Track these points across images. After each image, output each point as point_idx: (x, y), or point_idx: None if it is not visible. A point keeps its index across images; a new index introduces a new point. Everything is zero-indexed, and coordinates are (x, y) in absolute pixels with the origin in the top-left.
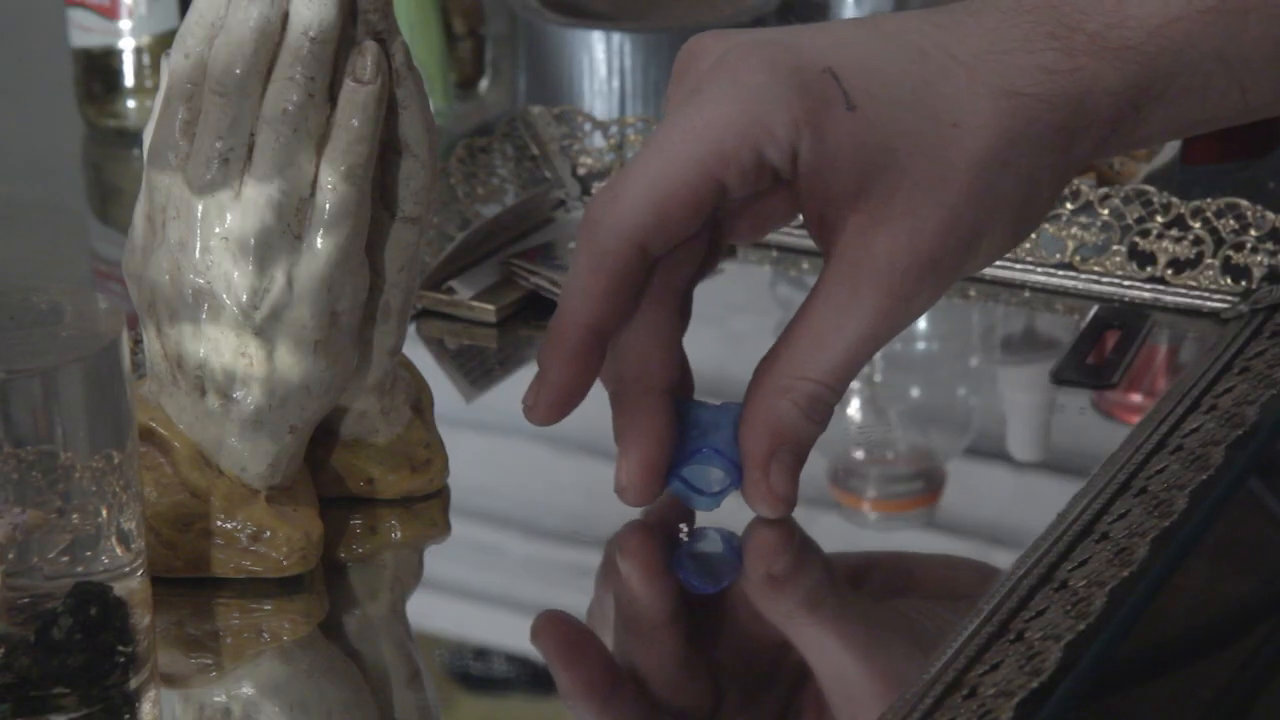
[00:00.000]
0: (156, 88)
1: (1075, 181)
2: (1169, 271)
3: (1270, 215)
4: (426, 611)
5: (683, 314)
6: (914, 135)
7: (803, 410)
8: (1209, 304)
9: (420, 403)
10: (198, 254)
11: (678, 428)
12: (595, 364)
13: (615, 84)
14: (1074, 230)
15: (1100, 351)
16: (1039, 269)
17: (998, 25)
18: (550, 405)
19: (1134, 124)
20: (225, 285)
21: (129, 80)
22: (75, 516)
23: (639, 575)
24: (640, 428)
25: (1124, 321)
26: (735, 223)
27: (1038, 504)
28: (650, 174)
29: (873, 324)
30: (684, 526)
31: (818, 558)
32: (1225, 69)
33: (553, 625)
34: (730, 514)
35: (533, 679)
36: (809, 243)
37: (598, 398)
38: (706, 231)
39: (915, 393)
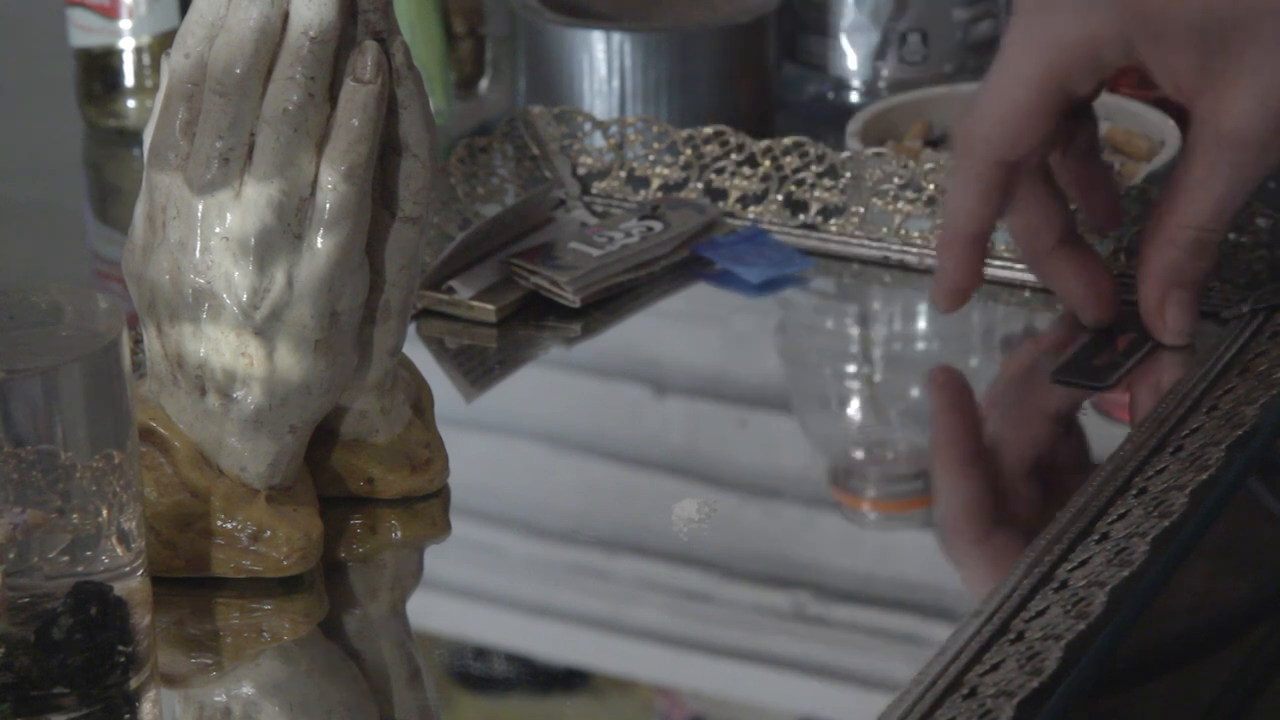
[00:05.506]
0: (156, 88)
1: None
2: None
3: (1270, 215)
4: (426, 611)
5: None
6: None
7: (1189, 253)
8: (1209, 304)
9: (420, 402)
10: (198, 254)
11: None
12: (980, 260)
13: (615, 84)
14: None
15: (1110, 353)
16: None
17: None
18: (950, 294)
19: None
20: (225, 285)
21: (129, 80)
22: (75, 516)
23: None
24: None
25: (1139, 325)
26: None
27: (1038, 504)
28: (1001, 96)
29: (1236, 177)
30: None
31: None
32: None
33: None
34: None
35: (533, 679)
36: (809, 244)
37: (598, 397)
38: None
39: (915, 393)
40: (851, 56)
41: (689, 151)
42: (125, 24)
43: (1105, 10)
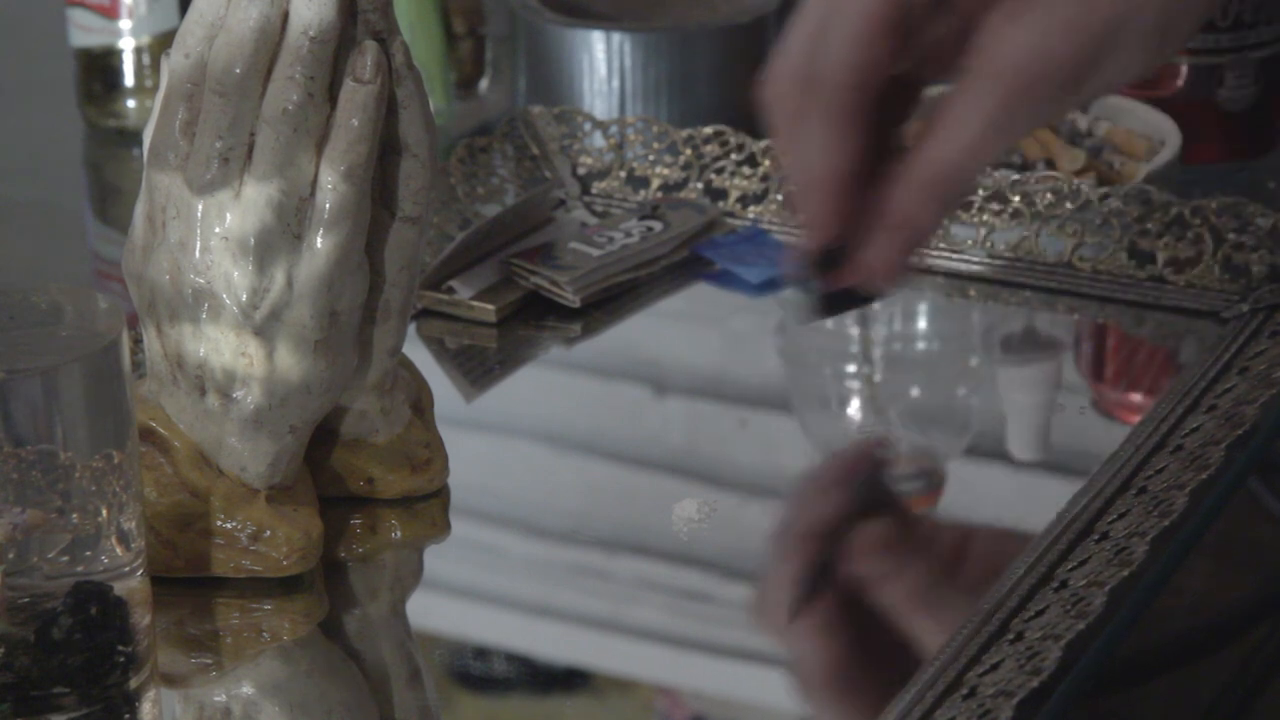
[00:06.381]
0: (156, 88)
1: (1075, 181)
2: (1169, 271)
3: (1270, 215)
4: (426, 611)
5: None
6: None
7: (925, 191)
8: (1209, 304)
9: (420, 402)
10: (198, 254)
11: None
12: (850, 204)
13: (615, 84)
14: (1074, 230)
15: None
16: (1039, 268)
17: None
18: (820, 233)
19: None
20: (225, 285)
21: (129, 80)
22: (75, 516)
23: None
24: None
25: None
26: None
27: (1038, 504)
28: (847, 17)
29: (997, 112)
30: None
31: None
32: None
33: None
34: None
35: (533, 679)
36: None
37: (599, 397)
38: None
39: (915, 393)
40: None
41: (689, 151)
42: (125, 24)
43: None
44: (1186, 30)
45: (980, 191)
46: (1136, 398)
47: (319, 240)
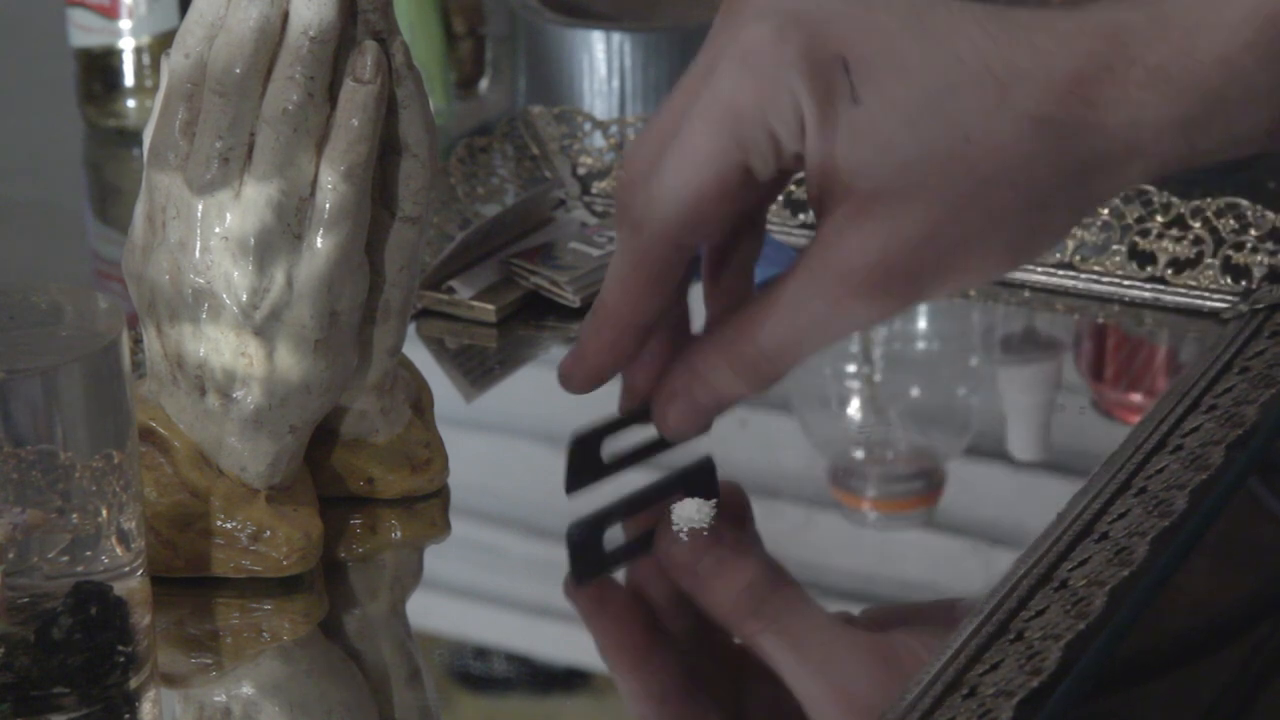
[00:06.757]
0: (156, 88)
1: None
2: (1169, 271)
3: (1270, 215)
4: (426, 611)
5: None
6: (919, 141)
7: (733, 368)
8: (1209, 304)
9: (420, 402)
10: (198, 254)
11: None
12: (634, 349)
13: (615, 84)
14: (1074, 230)
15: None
16: (1039, 269)
17: (1052, 49)
18: (586, 380)
19: (1183, 155)
20: (225, 285)
21: (129, 80)
22: (75, 516)
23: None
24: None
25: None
26: (766, 199)
27: (1038, 504)
28: (678, 173)
29: (828, 316)
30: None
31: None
32: None
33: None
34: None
35: (533, 679)
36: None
37: (598, 397)
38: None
39: (915, 393)
40: None
41: None
42: (125, 24)
43: (783, 90)
44: (1062, 225)
45: None
46: (1136, 398)
47: (319, 240)
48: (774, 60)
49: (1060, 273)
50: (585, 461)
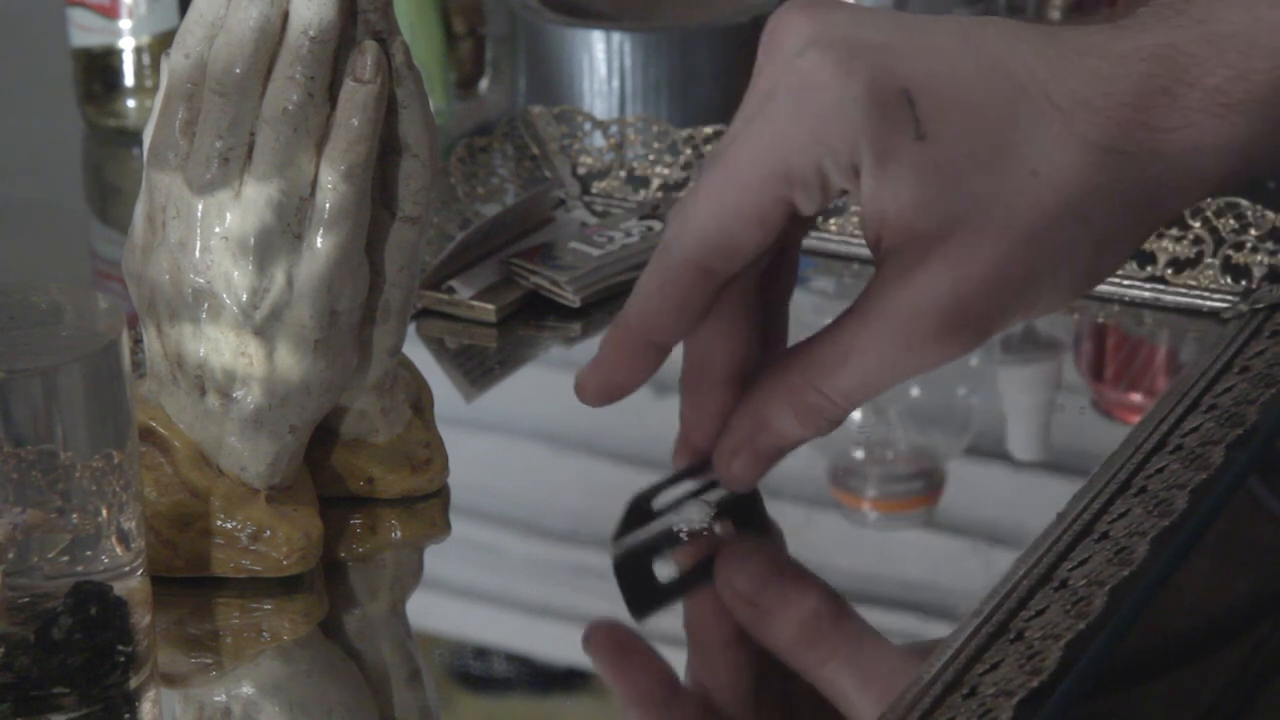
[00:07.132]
0: (156, 88)
1: None
2: (1169, 271)
3: (1270, 215)
4: (426, 611)
5: (753, 314)
6: (985, 176)
7: (798, 416)
8: (1209, 304)
9: (420, 402)
10: (198, 254)
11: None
12: (652, 367)
13: (615, 84)
14: None
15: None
16: None
17: (1109, 73)
18: (601, 392)
19: (1240, 174)
20: (225, 285)
21: (129, 80)
22: (75, 516)
23: None
24: (693, 410)
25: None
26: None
27: (1038, 504)
28: (718, 196)
29: (895, 360)
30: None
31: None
32: None
33: (605, 634)
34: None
35: (533, 679)
36: (809, 244)
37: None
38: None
39: (915, 393)
40: None
41: (689, 151)
42: (125, 24)
43: (840, 123)
44: (1125, 253)
45: None
46: (1136, 398)
47: (319, 240)
48: (836, 94)
49: None
50: (639, 580)
